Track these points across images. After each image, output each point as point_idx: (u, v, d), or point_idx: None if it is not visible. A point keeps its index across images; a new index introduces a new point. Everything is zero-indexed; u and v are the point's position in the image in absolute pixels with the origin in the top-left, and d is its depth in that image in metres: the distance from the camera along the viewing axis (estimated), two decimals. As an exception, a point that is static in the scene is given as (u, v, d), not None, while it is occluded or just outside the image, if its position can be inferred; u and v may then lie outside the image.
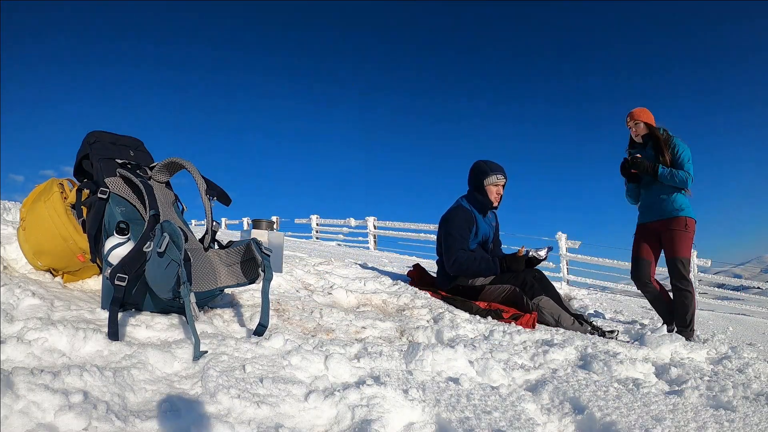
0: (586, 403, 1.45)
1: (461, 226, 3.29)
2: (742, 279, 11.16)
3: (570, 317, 3.05)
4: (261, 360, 1.49)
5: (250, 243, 1.93)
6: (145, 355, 1.40)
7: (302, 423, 1.20)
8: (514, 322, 2.93)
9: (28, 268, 2.08)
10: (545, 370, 1.82)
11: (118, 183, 1.97)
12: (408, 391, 1.37)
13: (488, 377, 1.67)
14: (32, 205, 2.02)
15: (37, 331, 1.37)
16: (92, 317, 1.69)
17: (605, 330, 3.02)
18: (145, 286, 1.74)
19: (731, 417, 1.42)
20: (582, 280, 9.91)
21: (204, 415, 1.12)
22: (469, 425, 1.24)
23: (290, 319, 2.23)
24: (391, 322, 2.41)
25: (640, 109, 3.44)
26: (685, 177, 3.24)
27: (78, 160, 2.11)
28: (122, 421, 1.04)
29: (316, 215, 14.64)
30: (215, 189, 2.00)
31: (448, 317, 2.69)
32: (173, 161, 2.05)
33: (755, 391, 1.69)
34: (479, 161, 3.46)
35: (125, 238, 1.74)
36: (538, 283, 3.19)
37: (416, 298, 3.17)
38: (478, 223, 3.36)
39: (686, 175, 3.24)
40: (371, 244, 12.55)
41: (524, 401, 1.46)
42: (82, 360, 1.34)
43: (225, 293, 2.32)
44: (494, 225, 3.57)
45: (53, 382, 1.10)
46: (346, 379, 1.50)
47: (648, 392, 1.58)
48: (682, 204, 3.30)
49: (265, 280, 1.85)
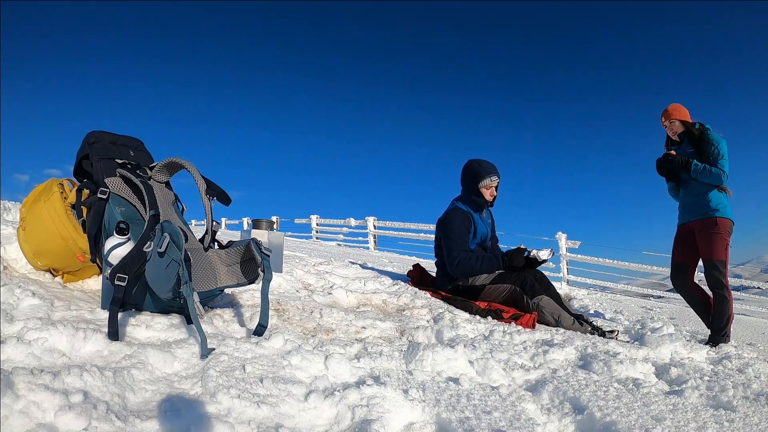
0: (586, 403, 1.45)
1: (459, 228, 3.29)
2: (742, 279, 11.14)
3: (570, 317, 3.05)
4: (261, 360, 1.49)
5: (249, 243, 1.93)
6: (145, 355, 1.40)
7: (302, 423, 1.20)
8: (514, 322, 2.93)
9: (28, 268, 2.07)
10: (545, 370, 1.82)
11: (118, 183, 1.97)
12: (408, 391, 1.37)
13: (488, 377, 1.67)
14: (32, 205, 2.02)
15: (37, 331, 1.37)
16: (92, 317, 1.69)
17: (605, 330, 3.02)
18: (145, 286, 1.74)
19: (731, 417, 1.42)
20: (582, 280, 9.91)
21: (204, 415, 1.12)
22: (469, 425, 1.24)
23: (290, 319, 2.23)
24: (391, 322, 2.41)
25: (673, 106, 3.29)
26: (718, 173, 3.04)
27: (78, 160, 2.11)
28: (122, 421, 1.04)
29: (316, 215, 14.64)
30: (215, 189, 2.00)
31: (448, 317, 2.69)
32: (173, 161, 2.05)
33: (755, 391, 1.69)
34: (472, 162, 3.42)
35: (125, 238, 1.74)
36: (538, 283, 3.20)
37: (416, 298, 3.17)
38: (475, 223, 3.36)
39: (719, 172, 3.04)
40: (371, 244, 12.55)
41: (524, 401, 1.46)
42: (82, 360, 1.34)
43: (225, 293, 2.32)
44: (490, 222, 3.57)
45: (53, 382, 1.11)
46: (346, 379, 1.50)
47: (648, 392, 1.58)
48: (719, 204, 3.09)
49: (264, 280, 1.85)
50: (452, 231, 3.29)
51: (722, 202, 3.11)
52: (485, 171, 3.33)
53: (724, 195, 3.13)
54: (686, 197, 3.27)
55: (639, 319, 4.00)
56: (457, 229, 3.28)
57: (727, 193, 3.13)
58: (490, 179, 3.32)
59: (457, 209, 3.37)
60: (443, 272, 3.45)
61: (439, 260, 3.50)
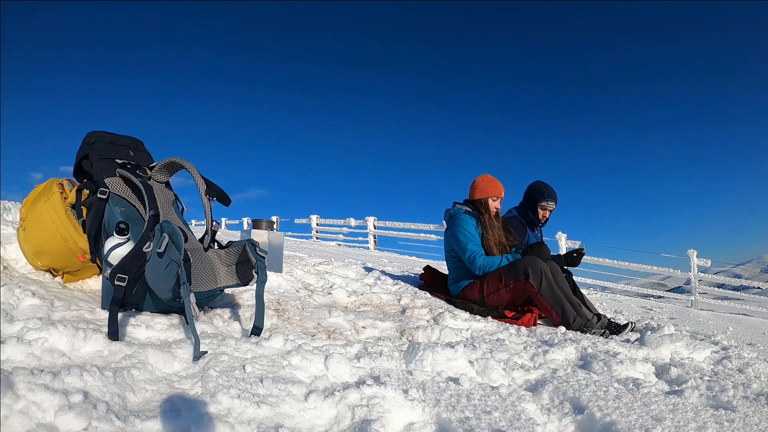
0: (586, 403, 1.45)
1: (517, 231, 3.52)
2: (742, 279, 11.14)
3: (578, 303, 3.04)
4: (261, 360, 1.49)
5: (245, 244, 1.93)
6: (145, 355, 1.40)
7: (302, 423, 1.20)
8: (514, 322, 2.93)
9: (28, 268, 2.07)
10: (545, 370, 1.82)
11: (118, 183, 1.97)
12: (408, 391, 1.37)
13: (488, 377, 1.67)
14: (32, 205, 2.02)
15: (37, 331, 1.37)
16: (92, 317, 1.69)
17: (620, 324, 2.93)
18: (145, 287, 1.74)
19: (731, 417, 1.42)
20: (582, 280, 9.91)
21: (204, 415, 1.12)
22: (469, 425, 1.24)
23: (290, 319, 2.23)
24: (391, 322, 2.41)
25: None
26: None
27: (78, 160, 2.11)
28: (122, 421, 1.04)
29: (316, 215, 14.64)
30: (215, 189, 2.00)
31: (448, 317, 2.69)
32: (173, 161, 2.05)
33: (755, 391, 1.69)
34: (539, 182, 3.67)
35: (125, 238, 1.74)
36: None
37: (416, 298, 3.17)
38: (528, 233, 3.63)
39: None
40: (371, 244, 12.55)
41: (524, 401, 1.46)
42: (82, 360, 1.34)
43: (225, 293, 2.32)
44: (540, 237, 3.80)
45: (53, 382, 1.11)
46: (346, 379, 1.50)
47: (648, 392, 1.58)
48: None
49: (259, 282, 1.84)
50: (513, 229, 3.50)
51: None
52: (548, 195, 3.58)
53: None
54: None
55: (639, 319, 4.00)
56: (515, 232, 3.48)
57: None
58: (547, 202, 3.57)
59: (515, 216, 3.65)
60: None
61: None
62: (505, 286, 3.11)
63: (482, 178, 3.47)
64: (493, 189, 3.40)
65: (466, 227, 3.31)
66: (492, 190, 3.40)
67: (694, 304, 9.30)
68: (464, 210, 3.41)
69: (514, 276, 3.08)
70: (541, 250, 3.23)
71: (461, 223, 3.32)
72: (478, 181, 3.46)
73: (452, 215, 3.44)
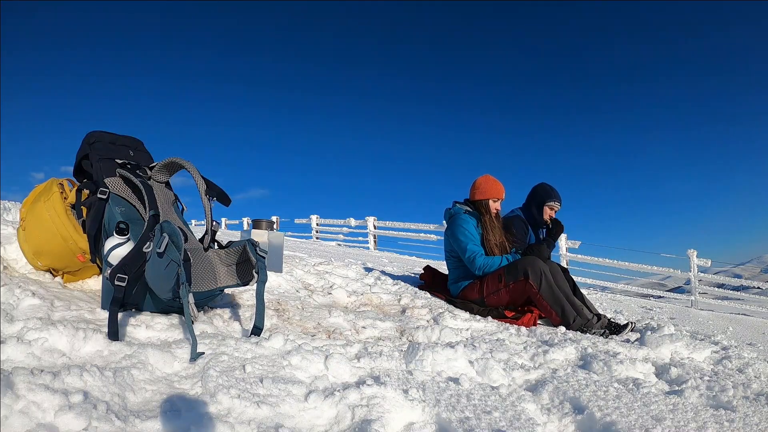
0: (586, 403, 1.45)
1: (519, 231, 3.52)
2: (742, 279, 11.14)
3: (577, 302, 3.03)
4: (261, 360, 1.49)
5: (245, 244, 1.93)
6: (145, 355, 1.40)
7: (302, 423, 1.20)
8: (514, 322, 2.93)
9: (28, 268, 2.07)
10: (545, 370, 1.82)
11: (118, 183, 1.97)
12: (408, 391, 1.37)
13: (488, 377, 1.67)
14: (32, 205, 2.02)
15: (37, 331, 1.37)
16: (92, 317, 1.69)
17: (620, 324, 2.92)
18: (145, 287, 1.74)
19: (731, 417, 1.42)
20: (582, 280, 9.91)
21: (204, 415, 1.12)
22: (469, 425, 1.24)
23: (290, 319, 2.23)
24: (391, 322, 2.41)
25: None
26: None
27: (78, 160, 2.11)
28: (122, 421, 1.04)
29: (316, 215, 14.64)
30: (215, 189, 2.00)
31: (448, 317, 2.69)
32: (173, 161, 2.05)
33: (755, 391, 1.69)
34: (545, 184, 3.68)
35: (125, 238, 1.74)
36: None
37: (416, 298, 3.17)
38: (530, 233, 3.62)
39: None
40: (371, 244, 12.54)
41: (524, 401, 1.46)
42: (82, 360, 1.34)
43: (225, 293, 2.32)
44: (541, 239, 3.79)
45: (53, 382, 1.11)
46: (346, 379, 1.50)
47: (648, 392, 1.58)
48: None
49: (259, 282, 1.84)
50: (516, 230, 3.51)
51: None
52: (554, 195, 3.59)
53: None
54: None
55: (639, 319, 4.00)
56: (517, 232, 3.48)
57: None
58: (554, 203, 3.57)
59: (517, 216, 3.63)
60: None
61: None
62: (505, 286, 3.10)
63: (483, 179, 3.46)
64: (494, 190, 3.40)
65: (466, 227, 3.30)
66: (493, 191, 3.40)
67: (694, 304, 9.30)
68: (464, 210, 3.40)
69: (513, 276, 3.08)
70: (540, 250, 3.23)
71: (461, 223, 3.32)
72: (479, 182, 3.46)
73: (452, 215, 3.44)
